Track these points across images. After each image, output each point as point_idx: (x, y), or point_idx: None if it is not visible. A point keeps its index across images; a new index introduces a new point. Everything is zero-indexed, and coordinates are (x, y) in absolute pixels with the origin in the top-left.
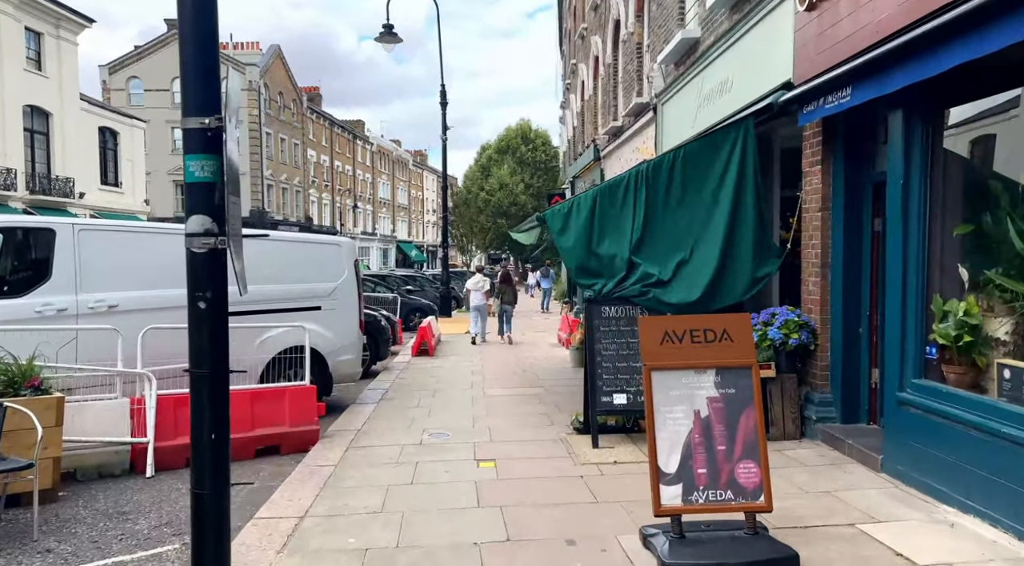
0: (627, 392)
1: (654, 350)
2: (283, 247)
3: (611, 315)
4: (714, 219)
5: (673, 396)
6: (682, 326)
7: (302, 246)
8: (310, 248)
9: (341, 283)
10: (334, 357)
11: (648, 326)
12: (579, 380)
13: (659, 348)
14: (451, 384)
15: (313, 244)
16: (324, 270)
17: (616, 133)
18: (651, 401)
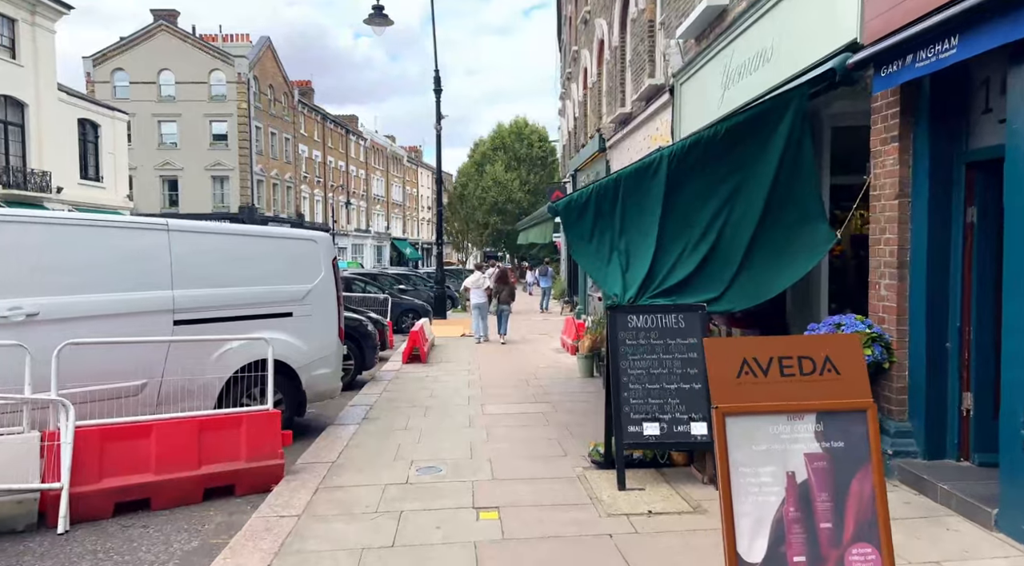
0: (660, 420)
1: (728, 385)
2: (245, 243)
3: (639, 325)
4: (750, 203)
5: (758, 453)
6: (767, 351)
7: (269, 242)
8: (279, 244)
9: (317, 285)
10: (308, 372)
11: (718, 351)
12: (590, 394)
13: (735, 383)
14: (445, 399)
15: (282, 239)
16: (296, 270)
17: (624, 120)
18: (725, 459)
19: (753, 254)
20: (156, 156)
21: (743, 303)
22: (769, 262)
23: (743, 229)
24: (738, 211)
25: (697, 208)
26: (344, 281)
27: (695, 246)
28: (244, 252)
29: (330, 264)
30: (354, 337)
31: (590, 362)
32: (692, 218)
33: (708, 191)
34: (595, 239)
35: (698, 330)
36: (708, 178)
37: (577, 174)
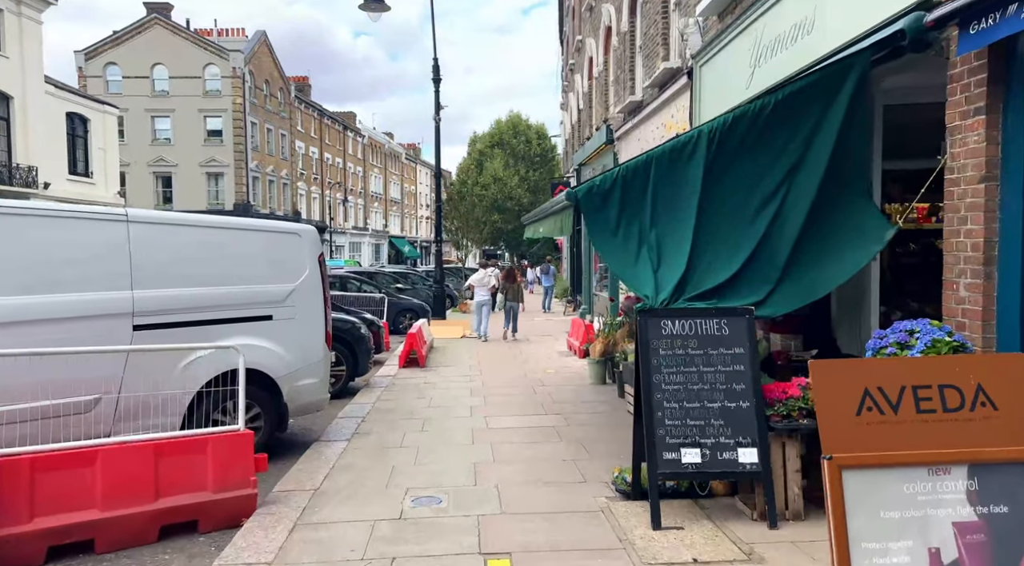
0: (701, 445)
1: (845, 426)
2: (218, 237)
3: (675, 332)
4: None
5: (887, 521)
6: (896, 378)
7: (245, 235)
8: (256, 238)
9: (300, 284)
10: (290, 382)
11: (830, 378)
12: (604, 403)
13: (854, 423)
14: (445, 409)
15: (261, 233)
16: (277, 267)
17: (634, 109)
18: (843, 530)
19: (802, 249)
20: (149, 152)
21: (789, 305)
22: (819, 258)
23: (792, 221)
24: (789, 200)
25: (742, 196)
26: (339, 280)
27: (739, 241)
28: (216, 247)
29: (315, 261)
30: (346, 341)
31: (602, 368)
32: (736, 207)
33: (755, 175)
34: (621, 231)
35: (744, 337)
36: (754, 160)
37: (582, 168)
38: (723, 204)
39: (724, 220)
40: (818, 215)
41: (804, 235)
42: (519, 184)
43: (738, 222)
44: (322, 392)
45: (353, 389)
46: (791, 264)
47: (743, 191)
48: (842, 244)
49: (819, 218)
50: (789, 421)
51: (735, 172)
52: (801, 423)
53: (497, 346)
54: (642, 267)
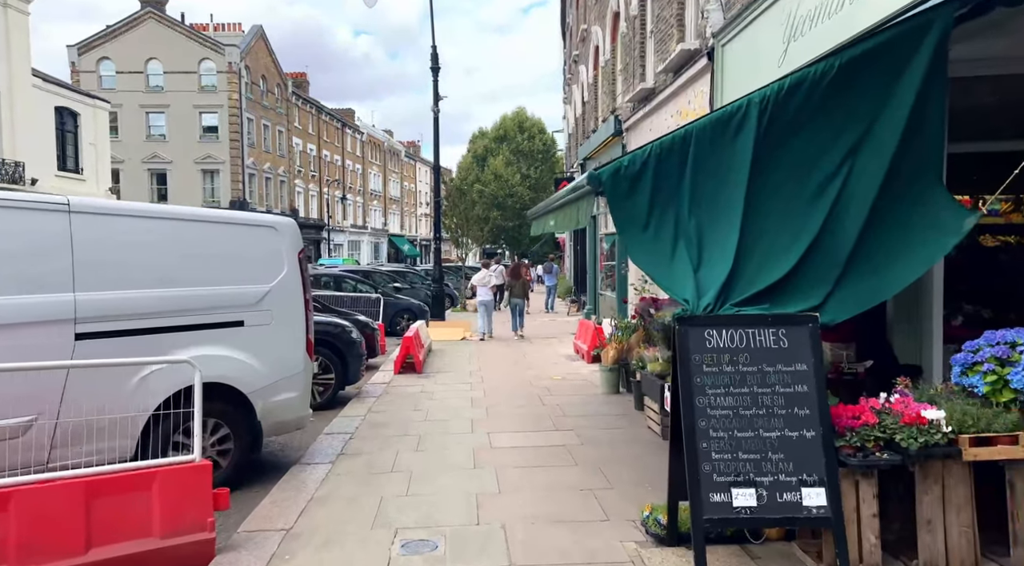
0: (757, 485)
1: None
2: (180, 231)
3: (722, 345)
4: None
5: None
6: None
7: (212, 229)
8: (226, 232)
9: (277, 285)
10: (265, 397)
11: None
12: (620, 417)
13: None
14: (443, 423)
15: (231, 226)
16: (250, 265)
17: (646, 97)
18: None
19: (865, 243)
20: (144, 148)
21: (851, 309)
22: (884, 253)
23: (855, 209)
24: (851, 183)
25: (797, 178)
26: (333, 279)
27: (795, 232)
28: (177, 242)
29: (295, 258)
30: (335, 346)
31: (615, 376)
32: (791, 192)
33: (812, 154)
34: (653, 222)
35: (808, 351)
36: (812, 136)
37: (587, 162)
38: (776, 188)
39: (777, 208)
40: (884, 202)
41: (868, 226)
42: (520, 181)
43: (793, 210)
44: (303, 408)
45: (344, 398)
46: (853, 261)
47: (798, 173)
48: (912, 236)
49: (885, 206)
50: (864, 455)
51: (790, 150)
52: (879, 457)
53: (499, 349)
54: (679, 265)
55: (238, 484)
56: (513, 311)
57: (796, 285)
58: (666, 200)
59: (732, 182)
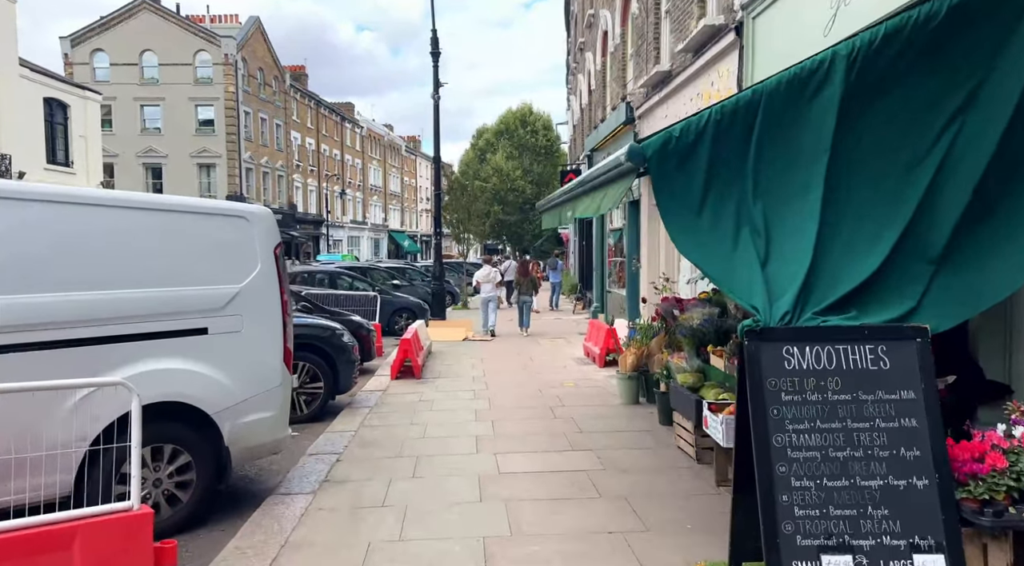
0: (855, 550)
1: None
2: (128, 220)
3: (805, 365)
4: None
5: None
6: None
7: (168, 218)
8: (186, 222)
9: (249, 285)
10: (234, 418)
11: None
12: (644, 434)
13: None
14: (444, 441)
15: (192, 215)
16: (215, 262)
17: (661, 81)
18: None
19: (967, 234)
20: (139, 142)
21: (952, 316)
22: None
23: (956, 191)
24: (954, 158)
25: (889, 151)
26: (328, 276)
27: (885, 220)
28: (124, 234)
29: (270, 254)
30: (324, 351)
31: (635, 384)
32: (880, 168)
33: (908, 122)
34: (710, 206)
35: (917, 373)
36: (908, 100)
37: (594, 154)
38: (862, 164)
39: (862, 188)
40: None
41: (970, 212)
42: (522, 176)
43: (881, 190)
44: (280, 429)
45: (335, 408)
46: (951, 255)
47: (889, 145)
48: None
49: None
50: (994, 511)
51: (879, 117)
52: (1015, 514)
53: (504, 350)
54: (743, 260)
55: (201, 521)
56: (520, 308)
57: (885, 286)
58: (727, 178)
59: (809, 155)
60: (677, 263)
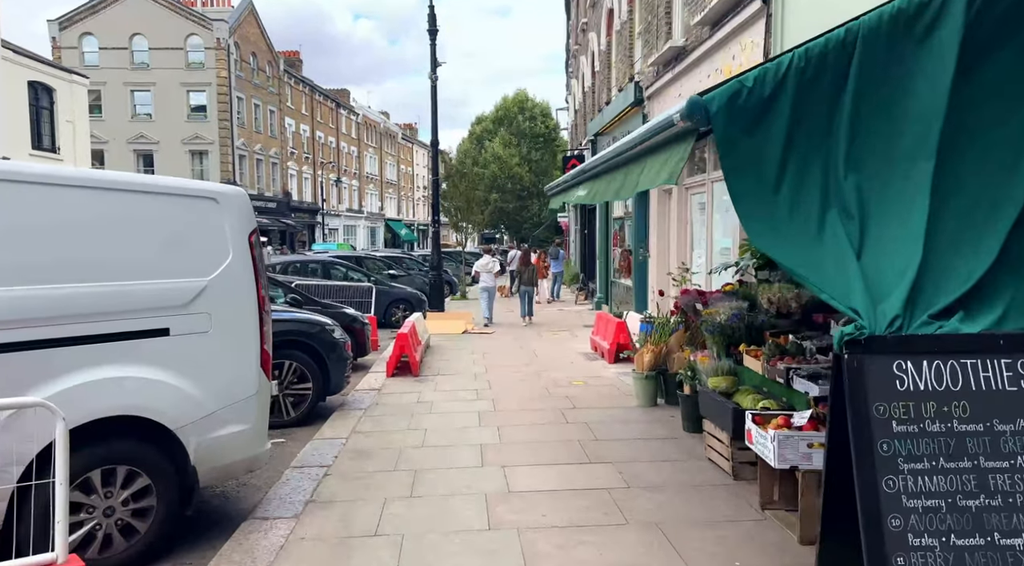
0: None
1: None
2: (72, 201)
3: (922, 386)
4: None
5: None
6: None
7: (123, 200)
8: (143, 205)
9: (218, 278)
10: (201, 433)
11: None
12: (666, 442)
13: None
14: (445, 452)
15: (150, 196)
16: (179, 252)
17: (674, 58)
18: None
19: None
20: (129, 128)
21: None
22: None
23: None
24: None
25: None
26: (322, 266)
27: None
28: (64, 217)
29: (244, 242)
30: (313, 349)
31: (653, 385)
32: (998, 135)
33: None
34: (789, 179)
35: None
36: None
37: (598, 139)
38: (981, 128)
39: (978, 159)
40: None
41: None
42: (520, 163)
43: (995, 162)
44: (256, 444)
45: (325, 411)
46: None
47: (1011, 100)
48: None
49: None
50: None
51: (1002, 68)
52: None
53: (506, 344)
54: (832, 250)
55: (162, 554)
56: (522, 298)
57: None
58: (811, 144)
59: (919, 116)
60: (690, 252)
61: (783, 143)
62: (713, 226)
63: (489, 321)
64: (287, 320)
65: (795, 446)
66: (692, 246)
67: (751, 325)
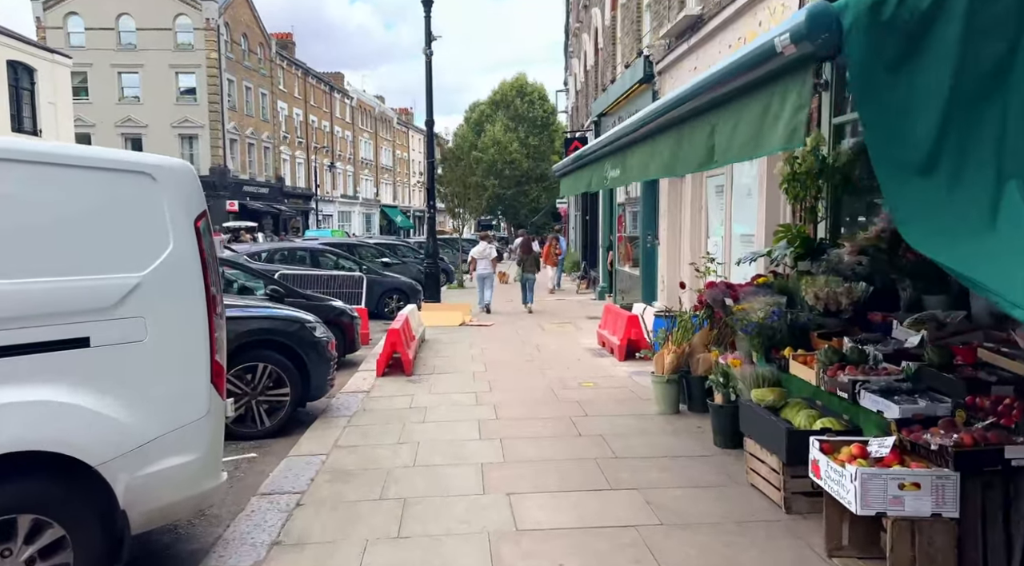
0: None
1: None
2: None
3: None
4: None
5: None
6: None
7: (21, 173)
8: (55, 180)
9: (156, 273)
10: (132, 469)
11: None
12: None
13: None
14: (439, 474)
15: (62, 169)
16: (104, 240)
17: (689, 28)
18: None
19: None
20: (117, 111)
21: None
22: None
23: None
24: None
25: None
26: (310, 254)
27: None
28: None
29: (190, 228)
30: (290, 349)
31: (675, 390)
32: None
33: None
34: (951, 139)
35: None
36: None
37: (601, 120)
38: None
39: None
40: None
41: None
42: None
43: None
44: (207, 477)
45: (306, 417)
46: None
47: None
48: None
49: None
50: None
51: None
52: None
53: (507, 337)
54: (1009, 237)
55: None
56: (523, 286)
57: None
58: (980, 90)
59: None
60: (704, 239)
61: (948, 83)
62: (732, 211)
63: (487, 308)
64: (261, 317)
65: (883, 487)
66: (708, 233)
67: (794, 325)
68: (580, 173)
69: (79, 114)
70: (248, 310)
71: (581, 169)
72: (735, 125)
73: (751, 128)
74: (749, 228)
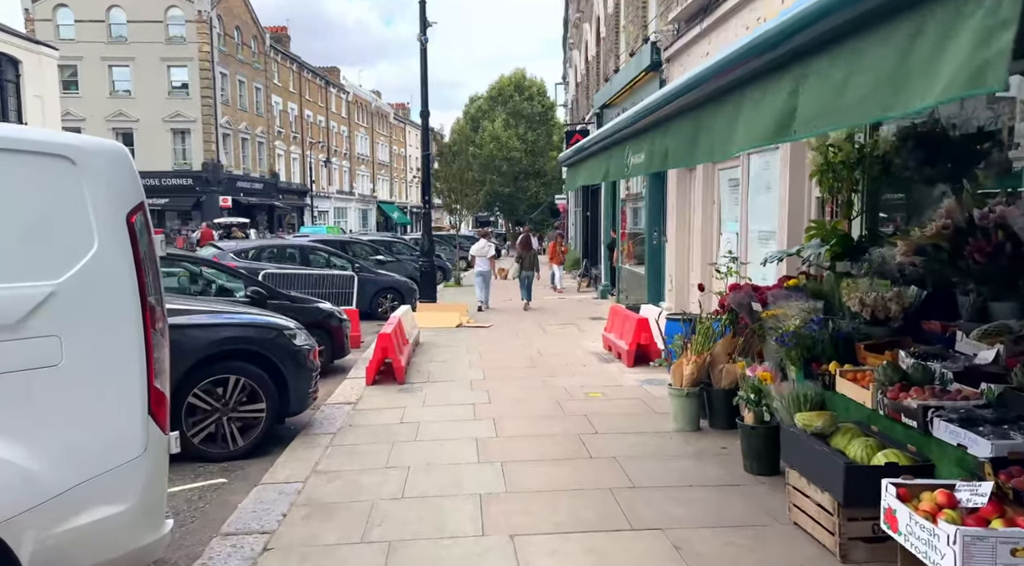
0: None
1: None
2: None
3: None
4: None
5: None
6: None
7: None
8: None
9: (75, 281)
10: (43, 528)
11: None
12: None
13: None
14: (432, 508)
15: None
16: (5, 240)
17: (702, 9)
18: None
19: None
20: (107, 105)
21: None
22: None
23: None
24: None
25: None
26: (300, 251)
27: None
28: None
29: (121, 224)
30: (266, 360)
31: (696, 404)
32: None
33: None
34: None
35: None
36: None
37: (604, 111)
38: None
39: None
40: None
41: None
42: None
43: None
44: (144, 529)
45: (286, 433)
46: None
47: None
48: None
49: None
50: None
51: None
52: None
53: (506, 339)
54: None
55: None
56: (522, 283)
57: None
58: None
59: None
60: (717, 237)
61: None
62: (749, 206)
63: (484, 306)
64: (232, 324)
65: (990, 553)
66: (720, 230)
67: (835, 334)
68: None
69: (69, 108)
70: (218, 317)
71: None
72: (847, 74)
73: (878, 73)
74: (769, 225)
